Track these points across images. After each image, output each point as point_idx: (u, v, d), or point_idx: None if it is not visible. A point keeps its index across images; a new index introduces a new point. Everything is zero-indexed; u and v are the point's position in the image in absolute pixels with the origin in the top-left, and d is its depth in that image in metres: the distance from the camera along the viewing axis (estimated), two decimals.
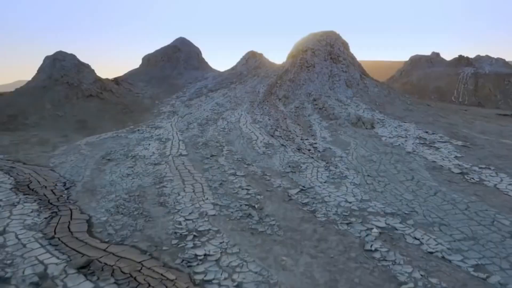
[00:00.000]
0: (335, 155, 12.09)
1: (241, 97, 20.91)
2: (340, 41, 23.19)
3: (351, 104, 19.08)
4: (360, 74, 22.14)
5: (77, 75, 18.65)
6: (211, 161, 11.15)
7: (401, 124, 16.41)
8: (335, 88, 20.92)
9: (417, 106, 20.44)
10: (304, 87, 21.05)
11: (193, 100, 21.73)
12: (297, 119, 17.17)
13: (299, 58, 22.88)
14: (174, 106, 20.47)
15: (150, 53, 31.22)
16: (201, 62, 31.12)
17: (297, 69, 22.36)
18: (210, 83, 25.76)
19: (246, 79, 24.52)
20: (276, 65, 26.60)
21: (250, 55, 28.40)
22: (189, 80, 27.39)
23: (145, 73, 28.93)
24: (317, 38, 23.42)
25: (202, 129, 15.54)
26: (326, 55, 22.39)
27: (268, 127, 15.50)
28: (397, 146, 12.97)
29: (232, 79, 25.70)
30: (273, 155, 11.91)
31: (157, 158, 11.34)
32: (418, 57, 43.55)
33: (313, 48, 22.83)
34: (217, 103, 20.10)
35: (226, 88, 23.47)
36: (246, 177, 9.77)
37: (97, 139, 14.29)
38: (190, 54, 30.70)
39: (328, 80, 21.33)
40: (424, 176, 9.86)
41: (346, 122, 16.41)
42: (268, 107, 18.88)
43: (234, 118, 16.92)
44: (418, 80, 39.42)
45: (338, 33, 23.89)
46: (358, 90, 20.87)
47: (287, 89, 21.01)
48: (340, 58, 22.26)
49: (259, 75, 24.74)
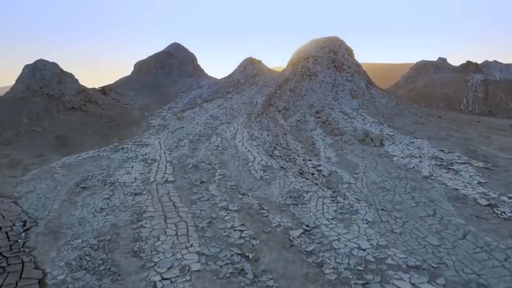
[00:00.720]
0: (342, 180, 10.86)
1: (238, 108, 19.72)
2: (344, 48, 22.09)
3: (357, 117, 17.89)
4: (366, 83, 21.00)
5: (59, 86, 17.47)
6: (200, 189, 9.91)
7: (413, 140, 15.21)
8: (339, 98, 19.76)
9: (427, 119, 19.26)
10: (305, 97, 19.88)
11: (186, 111, 20.53)
12: (298, 134, 15.96)
13: (300, 66, 21.76)
14: (165, 119, 19.26)
15: (143, 59, 30.13)
16: (196, 69, 30.00)
17: (298, 77, 21.22)
18: (205, 92, 24.60)
19: (243, 88, 23.36)
20: (275, 73, 25.48)
21: (248, 62, 27.29)
22: (183, 88, 26.24)
23: (137, 80, 27.79)
24: (320, 45, 22.32)
25: (193, 147, 14.31)
26: (329, 63, 21.26)
27: (267, 145, 14.28)
28: (411, 169, 11.74)
29: (228, 88, 24.54)
30: (272, 180, 10.67)
31: (139, 186, 10.09)
32: (424, 62, 42.54)
33: (315, 55, 21.72)
34: (212, 116, 18.90)
35: (222, 98, 22.29)
36: (240, 212, 8.52)
37: (75, 159, 13.06)
38: (185, 60, 29.58)
39: (331, 90, 20.18)
40: (447, 210, 8.64)
41: (352, 138, 15.19)
42: (266, 120, 17.69)
43: (230, 134, 15.70)
44: (425, 86, 38.33)
45: (342, 39, 22.79)
46: (364, 101, 19.70)
47: (287, 100, 19.84)
48: (344, 66, 21.13)
49: (257, 83, 23.59)
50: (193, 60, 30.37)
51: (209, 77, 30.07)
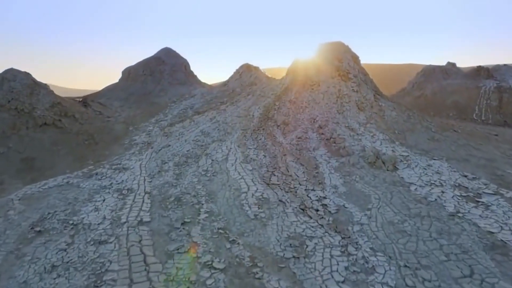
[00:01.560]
0: (352, 219, 9.28)
1: (232, 122, 18.17)
2: (349, 55, 20.60)
3: (365, 133, 16.34)
4: (373, 93, 19.49)
5: (30, 99, 15.92)
6: (181, 234, 8.33)
7: (430, 162, 13.65)
8: (345, 111, 18.22)
9: (443, 134, 17.73)
10: (307, 110, 18.34)
11: (175, 125, 18.98)
12: (299, 155, 14.40)
13: (301, 75, 20.25)
14: (151, 135, 17.70)
15: (132, 65, 28.63)
16: (189, 76, 28.51)
17: (299, 87, 19.70)
18: (197, 102, 23.07)
19: (239, 99, 21.83)
20: (274, 81, 23.99)
21: (245, 69, 25.81)
22: (174, 97, 24.71)
23: (124, 88, 26.28)
24: (322, 51, 20.82)
25: (178, 172, 12.73)
26: (333, 72, 19.76)
27: (263, 169, 12.72)
28: (433, 203, 10.17)
29: (222, 97, 23.01)
30: (268, 220, 9.10)
31: (106, 230, 8.50)
32: (432, 67, 41.12)
33: (318, 62, 20.21)
34: (203, 131, 17.33)
35: (215, 110, 20.74)
36: (227, 271, 6.95)
37: (39, 189, 11.47)
38: (176, 66, 28.09)
39: (336, 101, 18.65)
40: (486, 267, 7.09)
41: (361, 160, 13.64)
42: (263, 137, 16.13)
43: (221, 155, 14.13)
44: (433, 93, 36.87)
45: (346, 45, 21.31)
46: (372, 114, 18.17)
47: (287, 113, 18.30)
48: (349, 75, 19.63)
49: (254, 93, 22.06)
50: (186, 66, 28.88)
51: (202, 85, 28.59)
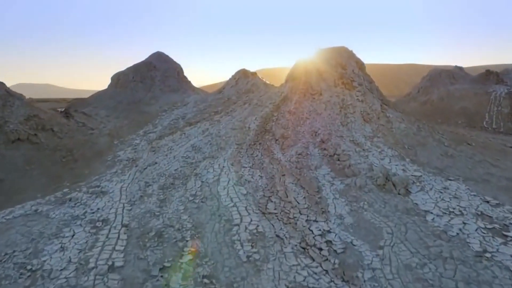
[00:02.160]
0: (362, 262, 8.04)
1: (226, 135, 16.94)
2: (353, 61, 19.42)
3: (371, 149, 15.11)
4: (380, 103, 18.28)
5: (1, 111, 14.70)
6: (158, 286, 7.06)
7: (446, 184, 12.42)
8: (349, 123, 17.01)
9: (457, 149, 16.51)
10: (308, 122, 17.13)
11: (164, 139, 17.75)
12: (300, 175, 13.16)
13: (302, 83, 19.06)
14: (137, 150, 16.46)
15: (121, 70, 27.42)
16: (182, 82, 27.30)
17: (299, 97, 18.50)
18: (190, 111, 21.85)
19: (234, 108, 20.62)
20: (272, 89, 22.81)
21: (241, 75, 24.62)
22: (165, 106, 23.49)
23: (112, 96, 25.07)
24: (324, 57, 19.65)
25: (163, 197, 11.49)
26: (336, 79, 18.56)
27: (259, 193, 11.49)
28: (455, 238, 8.94)
29: (217, 106, 21.80)
30: (263, 263, 7.87)
31: (69, 279, 7.27)
32: (438, 71, 40.01)
33: (320, 69, 19.02)
34: (193, 146, 16.10)
35: (208, 121, 19.53)
36: None
37: (2, 219, 10.27)
38: (168, 72, 26.90)
39: (339, 112, 17.44)
40: None
41: (368, 181, 12.40)
42: (260, 153, 14.91)
43: (212, 175, 12.90)
44: (440, 99, 35.70)
45: (350, 50, 20.13)
46: (379, 127, 16.95)
47: (286, 125, 17.09)
48: (354, 83, 18.43)
49: (251, 101, 20.86)
50: (179, 71, 27.66)
51: (196, 91, 27.37)
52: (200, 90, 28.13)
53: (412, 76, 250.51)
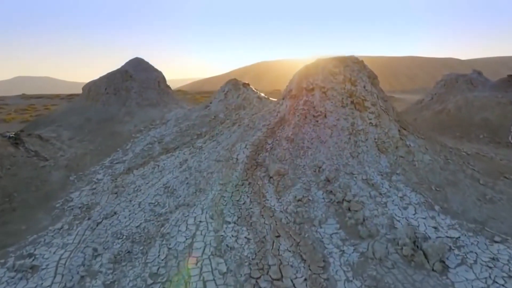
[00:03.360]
0: None
1: (208, 170, 14.17)
2: (365, 74, 16.61)
3: (390, 193, 12.35)
4: (398, 127, 15.50)
5: None
6: None
7: (493, 251, 9.68)
8: (361, 154, 14.25)
9: (495, 188, 13.73)
10: (310, 153, 14.37)
11: (132, 172, 14.97)
12: (299, 235, 10.40)
13: (302, 101, 16.27)
14: (96, 190, 13.67)
15: (94, 79, 24.57)
16: (163, 94, 24.47)
17: (299, 119, 15.73)
18: (168, 133, 19.05)
19: (221, 130, 17.82)
20: (267, 104, 20.01)
21: (231, 87, 21.81)
22: (141, 124, 20.70)
23: (81, 111, 22.24)
24: (329, 69, 16.84)
25: (112, 277, 8.70)
26: (344, 98, 15.77)
27: (243, 269, 8.76)
28: None
29: (201, 126, 19.01)
30: None
31: None
32: (454, 76, 37.20)
33: (324, 85, 16.24)
34: (166, 186, 13.32)
35: (188, 147, 16.74)
36: None
37: None
38: (147, 83, 24.06)
39: (348, 140, 14.67)
40: None
41: (391, 249, 9.65)
42: (249, 199, 12.15)
43: (184, 238, 10.14)
44: (457, 108, 32.88)
45: (361, 61, 17.34)
46: (398, 159, 14.18)
47: (282, 157, 14.33)
48: (366, 102, 15.64)
49: (241, 122, 18.07)
50: (160, 81, 24.80)
51: (180, 104, 24.51)
52: (184, 103, 25.27)
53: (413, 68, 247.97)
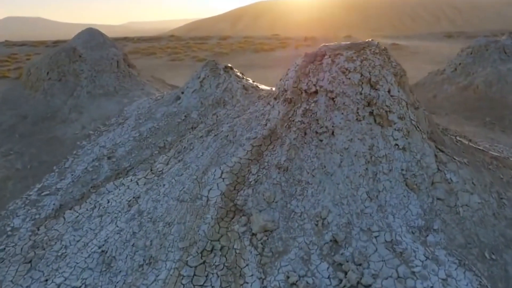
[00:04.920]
0: None
1: (165, 220, 10.37)
2: (390, 70, 12.22)
3: (427, 270, 8.68)
4: (434, 150, 11.49)
5: None
6: None
7: None
8: (382, 195, 10.43)
9: None
10: (310, 191, 10.54)
11: (63, 216, 11.15)
12: None
13: (301, 110, 12.11)
14: (3, 255, 9.88)
15: (34, 60, 19.84)
16: (123, 78, 19.89)
17: (296, 136, 11.71)
18: (123, 140, 14.96)
19: (191, 141, 13.75)
20: (254, 101, 15.72)
21: (209, 72, 17.30)
22: (92, 124, 16.52)
23: (16, 103, 17.86)
24: (340, 64, 12.38)
25: None
26: (360, 108, 11.57)
27: None
28: None
29: (166, 133, 14.89)
30: None
31: None
32: (483, 43, 32.17)
33: (331, 88, 11.94)
34: (103, 250, 9.56)
35: (145, 170, 12.79)
36: None
37: None
38: (103, 64, 19.37)
39: (365, 172, 10.75)
40: None
41: None
42: (219, 283, 8.47)
43: None
44: (487, 85, 28.51)
45: (385, 48, 12.87)
46: (435, 203, 10.38)
47: (271, 197, 10.50)
48: (391, 114, 11.46)
49: (219, 129, 13.98)
50: (119, 62, 20.00)
51: (146, 89, 19.94)
52: (153, 87, 20.62)
53: (419, 10, 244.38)
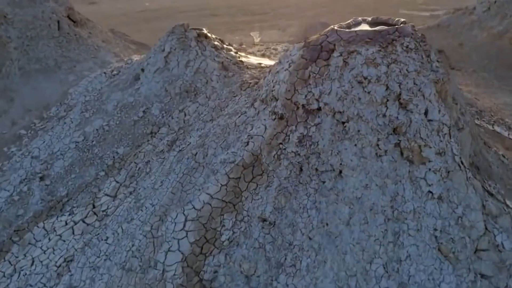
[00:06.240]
0: None
1: None
2: (428, 77, 8.45)
3: None
4: (482, 199, 8.35)
5: None
6: None
7: None
8: (405, 264, 7.67)
9: None
10: (303, 262, 7.76)
11: None
12: None
13: (296, 136, 8.73)
14: None
15: None
16: (68, 45, 15.60)
17: (288, 174, 8.57)
18: (62, 149, 11.65)
19: (150, 160, 10.47)
20: (237, 86, 12.10)
21: (177, 44, 13.21)
22: (24, 118, 12.99)
23: None
24: (354, 66, 8.59)
25: None
26: (382, 137, 8.11)
27: None
28: None
29: (118, 139, 11.53)
30: None
31: None
32: None
33: (341, 107, 8.37)
34: None
35: (85, 207, 9.77)
36: None
37: None
38: (38, 27, 15.01)
39: (383, 233, 7.77)
40: None
41: None
42: None
43: None
44: None
45: (421, 35, 8.93)
46: (478, 282, 7.60)
47: (251, 268, 7.75)
48: (427, 149, 8.05)
49: (186, 138, 10.66)
50: (61, 20, 15.39)
51: (101, 60, 15.80)
52: (110, 51, 16.15)
53: None
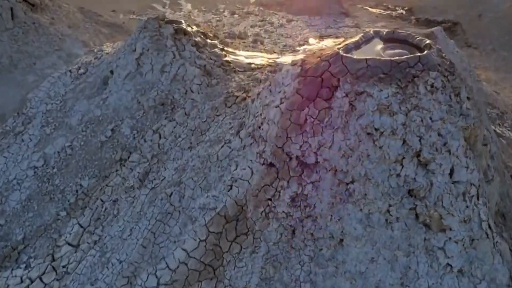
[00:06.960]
0: None
1: None
2: (456, 124, 6.61)
3: None
4: (510, 270, 6.94)
5: None
6: None
7: None
8: None
9: None
10: None
11: None
12: None
13: (288, 196, 7.14)
14: None
15: None
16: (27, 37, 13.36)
17: (279, 241, 7.14)
18: (22, 175, 10.14)
19: (118, 199, 8.98)
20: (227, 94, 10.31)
21: (150, 43, 11.05)
22: None
23: None
24: (363, 112, 6.68)
25: None
26: (395, 202, 6.50)
27: None
28: None
29: (84, 167, 9.99)
30: None
31: None
32: None
33: (344, 166, 6.65)
34: None
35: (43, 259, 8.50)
36: None
37: None
38: None
39: None
40: None
41: None
42: None
43: None
44: None
45: (449, 66, 6.95)
46: None
47: None
48: (450, 215, 6.49)
49: (160, 171, 9.13)
50: (15, 8, 12.91)
51: (66, 52, 13.65)
52: (78, 40, 13.80)
53: None
